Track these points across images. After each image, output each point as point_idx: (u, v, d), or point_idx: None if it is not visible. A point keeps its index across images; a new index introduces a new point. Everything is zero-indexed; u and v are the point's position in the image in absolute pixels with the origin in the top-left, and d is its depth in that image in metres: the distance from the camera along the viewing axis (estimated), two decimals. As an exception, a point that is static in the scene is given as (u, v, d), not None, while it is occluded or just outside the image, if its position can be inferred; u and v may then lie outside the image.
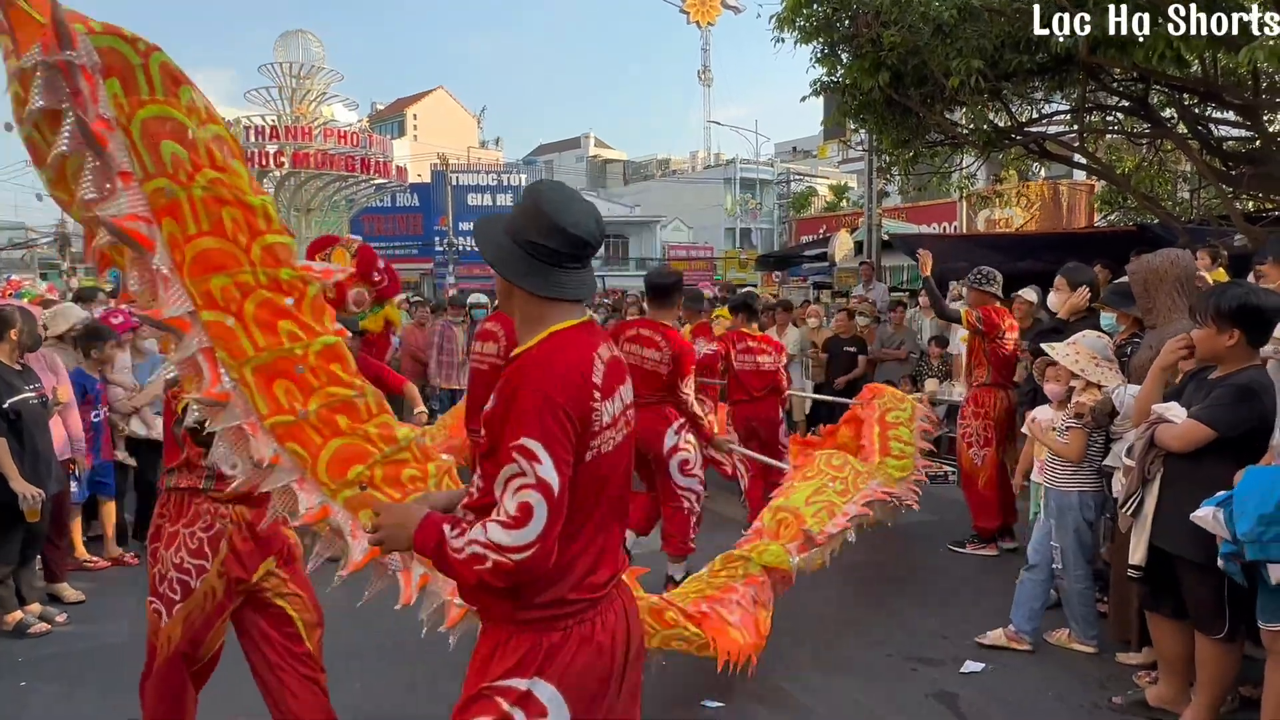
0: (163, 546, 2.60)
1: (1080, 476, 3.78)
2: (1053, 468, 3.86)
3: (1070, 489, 3.79)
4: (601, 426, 1.66)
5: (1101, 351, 3.78)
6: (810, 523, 3.81)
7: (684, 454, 4.56)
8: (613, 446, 1.71)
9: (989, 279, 5.49)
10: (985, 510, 5.45)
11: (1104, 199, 14.39)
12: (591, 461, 1.65)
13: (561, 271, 1.70)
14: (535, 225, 1.67)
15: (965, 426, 5.50)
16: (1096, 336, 3.89)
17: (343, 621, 3.23)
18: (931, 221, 19.43)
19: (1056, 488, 3.84)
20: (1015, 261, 9.62)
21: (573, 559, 1.65)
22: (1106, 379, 3.68)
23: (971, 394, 5.51)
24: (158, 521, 2.65)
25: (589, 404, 1.62)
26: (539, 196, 1.70)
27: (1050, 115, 10.13)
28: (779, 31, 8.64)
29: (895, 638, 4.13)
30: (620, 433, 1.74)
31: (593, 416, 1.63)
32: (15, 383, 4.21)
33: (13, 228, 41.69)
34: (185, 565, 2.58)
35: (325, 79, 27.03)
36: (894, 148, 10.08)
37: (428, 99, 50.40)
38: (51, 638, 4.18)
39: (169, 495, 2.64)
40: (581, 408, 1.61)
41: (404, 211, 33.39)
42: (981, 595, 4.65)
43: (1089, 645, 3.85)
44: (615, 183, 49.00)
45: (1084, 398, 3.68)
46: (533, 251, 1.68)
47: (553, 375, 1.60)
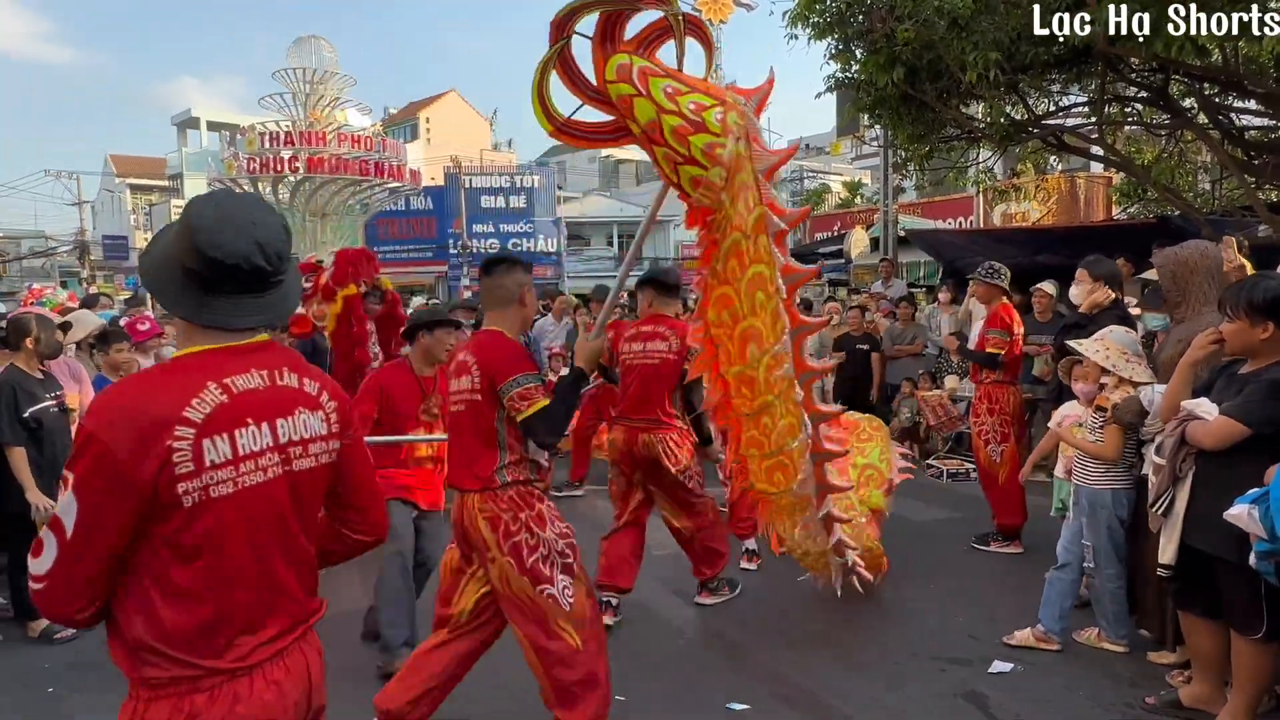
0: (539, 529, 2.81)
1: (1113, 474, 3.71)
2: (1084, 465, 3.80)
3: (1103, 486, 3.72)
4: (203, 467, 1.44)
5: (1131, 346, 3.71)
6: (890, 473, 4.58)
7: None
8: (237, 489, 1.49)
9: (997, 272, 5.53)
10: (1008, 506, 5.41)
11: (1123, 191, 14.25)
12: (195, 507, 1.44)
13: (221, 298, 1.52)
14: (181, 245, 1.50)
15: (980, 424, 5.50)
16: (1125, 331, 3.82)
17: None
18: (947, 216, 19.29)
19: (1088, 485, 3.77)
20: (1033, 256, 9.53)
21: (204, 617, 1.48)
22: (1138, 374, 3.61)
23: (983, 391, 5.51)
24: (504, 516, 2.80)
25: (160, 442, 1.40)
26: (189, 212, 1.51)
27: (1068, 108, 10.03)
28: (792, 28, 8.60)
29: (922, 638, 4.08)
30: (264, 474, 1.53)
31: (173, 456, 1.41)
32: (36, 391, 4.23)
33: (33, 236, 42.20)
34: (565, 534, 2.89)
35: (338, 84, 27.17)
36: (909, 143, 10.00)
37: (440, 102, 50.54)
38: (76, 645, 4.20)
39: (507, 490, 2.82)
40: (139, 447, 1.39)
41: (418, 215, 33.49)
42: (1007, 594, 4.60)
43: (1119, 645, 3.79)
44: (628, 183, 48.95)
45: (1115, 395, 3.61)
46: (184, 275, 1.52)
47: (108, 410, 1.43)
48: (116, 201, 47.91)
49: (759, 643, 4.09)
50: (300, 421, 1.59)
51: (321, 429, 1.64)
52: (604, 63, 2.78)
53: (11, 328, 4.31)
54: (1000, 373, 5.41)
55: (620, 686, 3.23)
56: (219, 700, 1.50)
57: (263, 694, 1.54)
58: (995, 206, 18.19)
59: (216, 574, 1.49)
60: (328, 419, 1.65)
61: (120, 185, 48.13)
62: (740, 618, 4.41)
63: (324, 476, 1.68)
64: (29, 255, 38.81)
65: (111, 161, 50.48)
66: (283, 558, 1.59)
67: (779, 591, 4.71)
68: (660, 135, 2.74)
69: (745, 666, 3.84)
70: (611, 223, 37.96)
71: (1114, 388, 3.65)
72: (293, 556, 1.62)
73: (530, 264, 3.12)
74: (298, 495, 1.61)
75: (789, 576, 4.98)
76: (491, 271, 2.97)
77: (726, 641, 4.13)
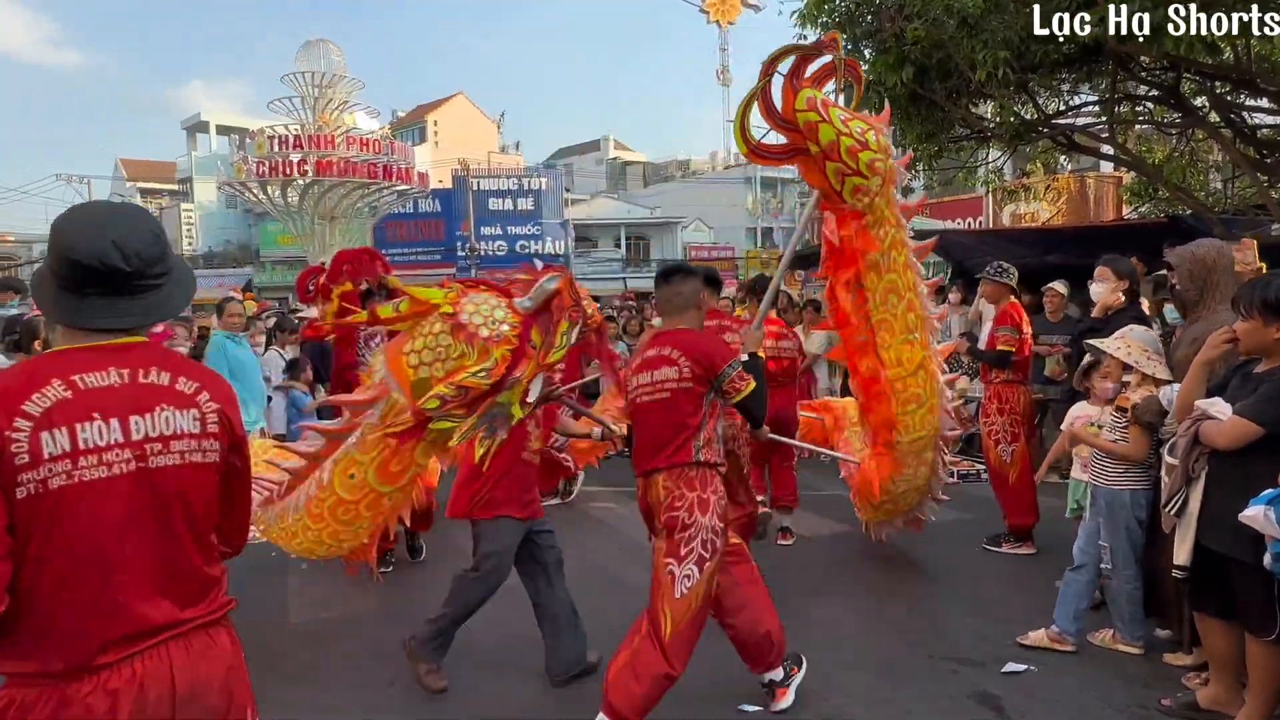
0: (699, 513, 3.01)
1: (1132, 474, 3.68)
2: (1101, 465, 3.77)
3: (1121, 486, 3.70)
4: (40, 459, 1.45)
5: (1152, 344, 3.69)
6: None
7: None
8: (73, 482, 1.48)
9: (1005, 271, 5.54)
10: (1019, 506, 5.40)
11: (1134, 191, 14.17)
12: (31, 499, 1.45)
13: (93, 300, 1.56)
14: (50, 253, 1.57)
15: (990, 424, 5.49)
16: (1145, 330, 3.80)
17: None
18: (956, 216, 19.26)
19: (1106, 485, 3.75)
20: (1043, 256, 9.49)
21: (33, 613, 1.48)
22: (1160, 371, 3.59)
23: (993, 390, 5.50)
24: (686, 493, 3.02)
25: (2, 433, 1.43)
26: (56, 220, 1.58)
27: (1078, 107, 9.99)
28: (801, 27, 8.58)
29: (934, 639, 4.07)
30: (109, 469, 1.52)
31: (10, 448, 1.43)
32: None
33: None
34: (716, 528, 3.05)
35: (347, 87, 27.28)
36: (919, 143, 9.97)
37: (448, 105, 50.64)
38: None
39: (698, 469, 3.06)
40: None
41: (426, 218, 33.59)
42: (1019, 594, 4.59)
43: (1134, 646, 3.76)
44: (635, 184, 48.96)
45: (1135, 395, 3.59)
46: (54, 279, 1.57)
47: None
48: (127, 205, 48.16)
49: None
50: (162, 419, 1.58)
51: (192, 427, 1.62)
52: (794, 95, 3.44)
53: (24, 330, 4.36)
54: (1010, 372, 5.40)
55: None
56: (46, 701, 1.49)
57: (92, 701, 1.50)
58: (1005, 206, 18.14)
59: (50, 571, 1.48)
60: (202, 419, 1.64)
61: (130, 189, 48.42)
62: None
63: (199, 477, 1.64)
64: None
65: (121, 165, 50.82)
66: (137, 560, 1.55)
67: (789, 591, 4.69)
68: (837, 153, 3.44)
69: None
70: (619, 225, 37.95)
71: (1136, 386, 3.63)
72: (157, 558, 1.58)
73: (704, 272, 3.62)
74: (160, 494, 1.58)
75: (799, 576, 4.98)
76: (670, 280, 3.28)
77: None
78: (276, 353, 7.56)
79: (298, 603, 4.79)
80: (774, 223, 40.47)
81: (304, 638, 4.31)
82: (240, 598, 1.81)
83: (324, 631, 4.39)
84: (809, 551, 5.61)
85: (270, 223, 34.11)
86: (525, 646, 3.85)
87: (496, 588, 3.65)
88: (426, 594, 4.81)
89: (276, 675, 3.81)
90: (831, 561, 5.39)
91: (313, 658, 4.06)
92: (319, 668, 3.94)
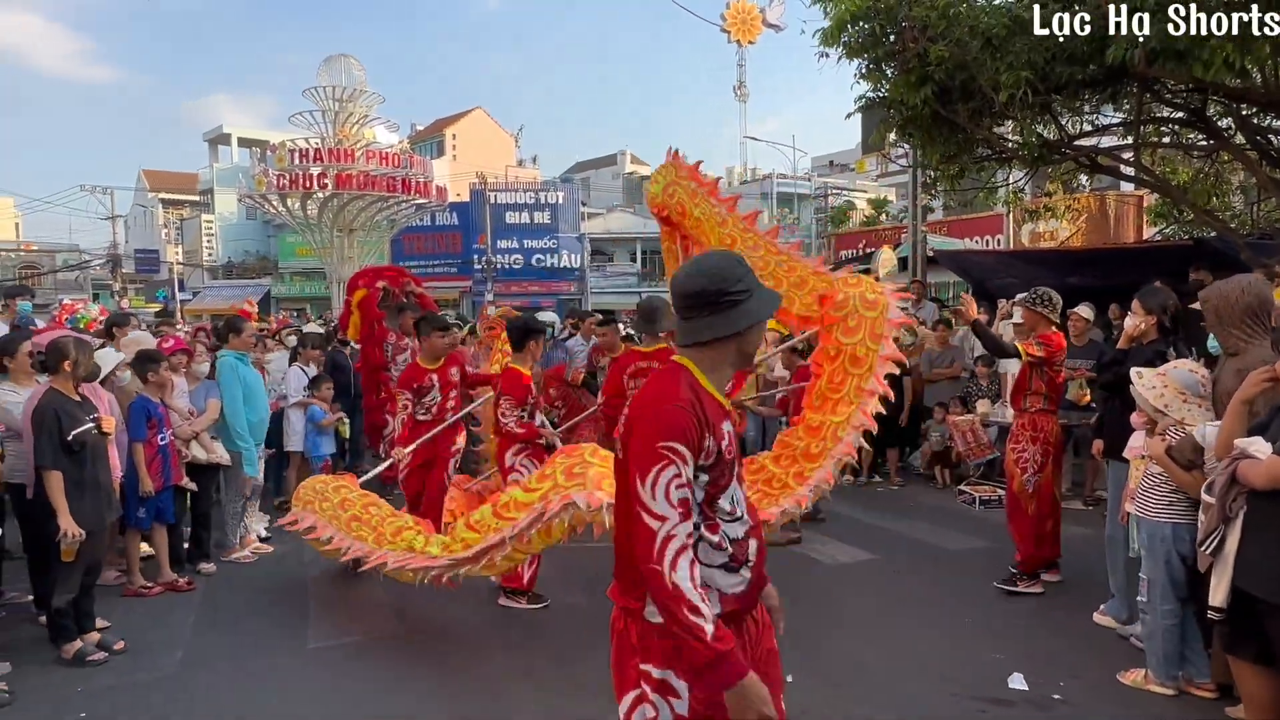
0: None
1: (1176, 507, 3.57)
2: (1145, 496, 3.68)
3: (1164, 519, 3.60)
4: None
5: (1193, 387, 3.57)
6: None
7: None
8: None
9: (1046, 301, 5.21)
10: (1034, 537, 5.15)
11: (1157, 212, 14.03)
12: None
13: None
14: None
15: (1020, 452, 5.25)
16: (1190, 370, 3.66)
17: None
18: (975, 235, 19.12)
19: (1149, 517, 3.66)
20: (1064, 278, 9.40)
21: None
22: (1191, 416, 3.50)
23: (1027, 419, 5.24)
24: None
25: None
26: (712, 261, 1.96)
27: (1103, 128, 9.90)
28: (823, 47, 8.56)
29: (960, 674, 3.97)
30: None
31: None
32: (77, 414, 4.26)
33: (68, 249, 42.98)
34: None
35: (367, 102, 27.53)
36: (941, 163, 9.91)
37: (466, 119, 51.01)
38: (108, 668, 4.21)
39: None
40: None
41: (443, 230, 33.80)
42: (1049, 626, 4.48)
43: (1168, 687, 3.65)
44: (651, 199, 49.03)
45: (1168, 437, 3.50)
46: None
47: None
48: (149, 216, 48.74)
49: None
50: None
51: None
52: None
53: (50, 351, 4.36)
54: (1045, 401, 5.16)
55: None
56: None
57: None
58: (1023, 225, 18.00)
59: None
60: None
61: (153, 200, 48.97)
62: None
63: None
64: (63, 268, 39.50)
65: (144, 176, 51.40)
66: None
67: (810, 620, 4.63)
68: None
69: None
70: (635, 239, 38.00)
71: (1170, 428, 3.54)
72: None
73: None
74: None
75: (820, 605, 4.89)
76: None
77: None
78: (300, 369, 7.57)
79: (316, 627, 4.76)
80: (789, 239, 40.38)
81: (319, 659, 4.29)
82: (262, 620, 1.78)
83: (340, 655, 4.36)
84: (830, 579, 5.53)
85: (289, 234, 34.39)
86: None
87: None
88: (444, 621, 4.79)
89: (286, 697, 3.80)
90: (853, 590, 5.31)
91: (329, 679, 4.03)
92: (330, 691, 3.90)
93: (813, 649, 4.29)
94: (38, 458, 4.15)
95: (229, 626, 4.75)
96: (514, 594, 5.01)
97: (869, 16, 8.09)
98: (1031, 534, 5.15)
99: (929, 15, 7.62)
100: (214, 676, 4.11)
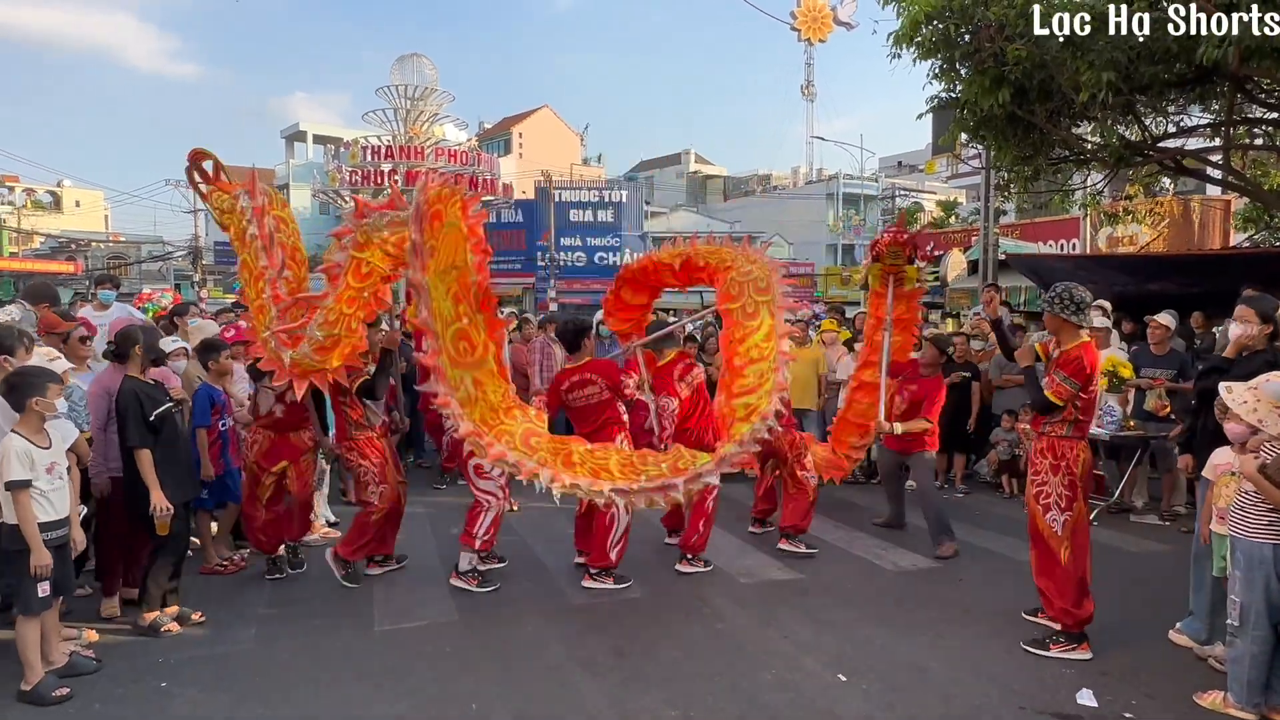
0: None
1: (1277, 527, 3.39)
2: (1240, 515, 3.51)
3: (1264, 539, 3.42)
4: None
5: None
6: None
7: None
8: None
9: (1069, 303, 4.16)
10: (1073, 593, 4.20)
11: (1246, 217, 13.43)
12: None
13: None
14: None
15: (1040, 485, 4.25)
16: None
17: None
18: (1049, 239, 18.56)
19: (1246, 537, 3.48)
20: (1144, 283, 9.09)
21: None
22: None
23: (1046, 443, 4.24)
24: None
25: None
26: None
27: (1190, 129, 9.53)
28: (896, 48, 8.43)
29: (1027, 686, 3.86)
30: None
31: None
32: (155, 395, 4.45)
33: (152, 241, 44.84)
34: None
35: (438, 100, 28.08)
36: (1014, 164, 9.68)
37: (533, 118, 51.60)
38: (187, 640, 4.39)
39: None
40: None
41: (508, 227, 34.19)
42: (1118, 643, 4.32)
43: (1249, 713, 3.47)
44: (715, 198, 48.90)
45: (1261, 454, 3.34)
46: None
47: None
48: (228, 209, 50.39)
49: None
50: None
51: None
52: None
53: (120, 339, 4.54)
54: (1067, 427, 4.20)
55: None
56: None
57: None
58: (1101, 229, 17.41)
59: None
60: None
61: (232, 194, 50.64)
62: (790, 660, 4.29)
63: None
64: (147, 259, 41.21)
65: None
66: None
67: (869, 625, 4.57)
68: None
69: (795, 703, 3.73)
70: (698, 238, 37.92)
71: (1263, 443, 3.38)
72: None
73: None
74: None
75: (878, 611, 4.82)
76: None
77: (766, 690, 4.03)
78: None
79: (382, 610, 4.88)
80: (855, 239, 39.87)
81: (387, 641, 4.40)
82: (329, 602, 1.84)
83: (407, 639, 4.46)
84: (893, 585, 5.44)
85: (360, 229, 35.15)
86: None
87: None
88: (501, 611, 4.87)
89: (358, 676, 3.91)
90: (916, 598, 5.21)
91: (397, 661, 4.14)
92: (398, 672, 4.00)
93: (874, 654, 4.24)
94: (127, 439, 4.34)
95: (299, 606, 4.91)
96: (601, 574, 5.23)
97: (943, 16, 7.96)
98: (1071, 587, 4.19)
99: (1007, 14, 7.45)
100: (287, 654, 4.25)
